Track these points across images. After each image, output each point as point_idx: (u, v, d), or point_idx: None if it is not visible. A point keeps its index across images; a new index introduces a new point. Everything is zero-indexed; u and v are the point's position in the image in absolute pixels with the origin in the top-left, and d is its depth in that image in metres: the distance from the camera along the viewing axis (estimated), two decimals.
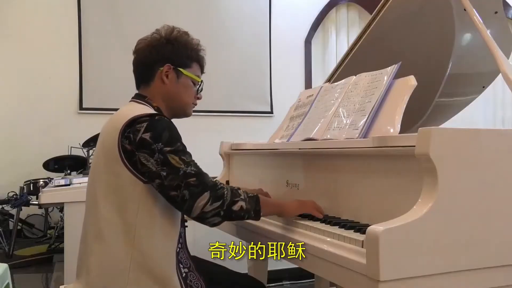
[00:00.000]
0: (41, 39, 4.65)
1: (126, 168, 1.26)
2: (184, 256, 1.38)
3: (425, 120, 2.00)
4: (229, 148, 2.13)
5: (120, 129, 1.26)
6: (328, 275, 1.16)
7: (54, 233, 4.07)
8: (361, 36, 2.05)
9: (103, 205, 1.28)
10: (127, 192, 1.26)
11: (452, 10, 1.77)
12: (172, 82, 1.43)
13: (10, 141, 4.54)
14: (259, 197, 1.34)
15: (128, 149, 1.25)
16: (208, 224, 1.30)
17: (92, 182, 1.37)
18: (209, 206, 1.24)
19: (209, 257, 1.60)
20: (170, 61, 1.43)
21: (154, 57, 1.43)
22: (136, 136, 1.24)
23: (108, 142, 1.29)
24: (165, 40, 1.44)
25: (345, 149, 1.38)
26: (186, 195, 1.22)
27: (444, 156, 1.02)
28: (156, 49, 1.43)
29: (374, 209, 1.25)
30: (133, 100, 1.46)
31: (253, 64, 5.34)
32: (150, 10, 4.93)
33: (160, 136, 1.24)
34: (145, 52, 1.44)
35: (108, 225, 1.27)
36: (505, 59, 1.44)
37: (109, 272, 1.27)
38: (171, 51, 1.43)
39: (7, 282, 2.09)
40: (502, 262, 1.07)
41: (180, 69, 1.44)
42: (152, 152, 1.23)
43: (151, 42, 1.44)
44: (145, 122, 1.26)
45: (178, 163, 1.24)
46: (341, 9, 5.70)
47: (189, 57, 1.47)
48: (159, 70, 1.43)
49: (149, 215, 1.27)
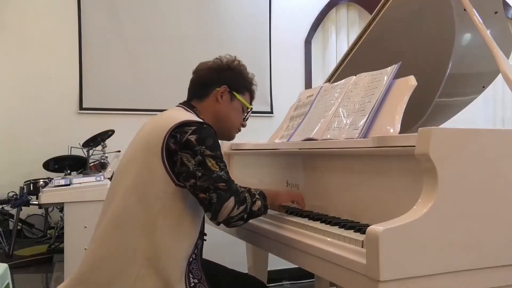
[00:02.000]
0: (41, 39, 4.65)
1: (163, 166, 1.29)
2: (196, 268, 1.39)
3: (425, 120, 2.00)
4: (229, 148, 2.13)
5: (170, 129, 1.30)
6: (328, 275, 1.16)
7: (54, 233, 4.07)
8: (361, 36, 2.05)
9: (130, 196, 1.31)
10: (157, 189, 1.30)
11: (452, 10, 1.77)
12: (225, 102, 1.52)
13: (10, 141, 4.54)
14: (264, 193, 1.40)
15: (172, 148, 1.29)
16: (230, 227, 1.34)
17: (121, 173, 1.39)
18: (236, 210, 1.28)
19: (210, 256, 1.61)
20: (227, 84, 1.52)
21: (214, 78, 1.52)
22: (183, 136, 1.29)
23: (152, 139, 1.33)
24: (226, 66, 1.55)
25: (345, 149, 1.38)
26: (213, 198, 1.26)
27: (444, 156, 1.02)
28: (217, 72, 1.53)
29: (374, 209, 1.25)
30: (182, 106, 1.51)
31: (253, 64, 5.30)
32: (150, 10, 4.93)
33: (204, 140, 1.30)
34: (206, 73, 1.54)
35: (131, 215, 1.30)
36: (505, 59, 1.44)
37: (119, 264, 1.28)
38: (230, 76, 1.54)
39: (7, 282, 2.09)
40: (502, 262, 1.07)
41: (234, 93, 1.54)
42: (194, 153, 1.28)
43: (213, 66, 1.55)
44: (194, 126, 1.31)
45: (213, 166, 1.29)
46: (341, 9, 5.70)
47: (244, 86, 1.58)
48: (215, 89, 1.51)
49: (171, 217, 1.30)
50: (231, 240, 1.88)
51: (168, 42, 4.90)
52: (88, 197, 2.53)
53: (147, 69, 4.81)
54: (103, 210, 1.40)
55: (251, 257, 2.18)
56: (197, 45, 4.88)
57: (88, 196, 2.53)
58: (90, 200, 2.50)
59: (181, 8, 5.06)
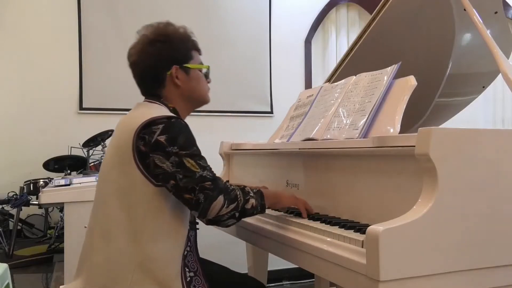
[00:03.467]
0: (41, 40, 4.65)
1: (138, 169, 1.25)
2: (192, 259, 1.38)
3: (425, 120, 2.00)
4: (229, 148, 2.13)
5: (136, 130, 1.25)
6: (328, 275, 1.16)
7: (54, 233, 4.07)
8: (361, 36, 2.05)
9: (112, 204, 1.28)
10: (137, 193, 1.26)
11: (452, 10, 1.77)
12: (184, 81, 1.41)
13: (10, 141, 4.54)
14: (262, 192, 1.37)
15: (143, 150, 1.25)
16: (222, 226, 1.31)
17: (102, 181, 1.36)
18: (225, 209, 1.25)
19: (210, 256, 1.61)
20: (174, 61, 1.39)
21: (157, 64, 1.39)
22: (151, 138, 1.24)
23: (122, 142, 1.29)
24: (159, 42, 1.38)
25: (345, 149, 1.38)
26: (201, 198, 1.23)
27: (444, 156, 1.02)
28: (156, 55, 1.38)
29: (374, 209, 1.25)
30: (148, 100, 1.43)
31: (253, 64, 5.33)
32: (150, 10, 4.92)
33: (175, 139, 1.24)
34: (145, 62, 1.39)
35: (115, 224, 1.27)
36: (505, 59, 1.44)
37: (113, 271, 1.27)
38: (170, 50, 1.39)
39: (7, 282, 2.09)
40: (502, 262, 1.07)
41: (186, 66, 1.41)
42: (167, 154, 1.23)
43: (146, 50, 1.39)
44: (162, 124, 1.25)
45: (194, 167, 1.24)
46: (341, 9, 5.69)
47: (187, 48, 1.43)
48: (167, 74, 1.40)
49: (156, 218, 1.27)
50: (231, 240, 1.88)
51: None
52: (88, 197, 2.50)
53: None
54: (91, 217, 1.37)
55: (251, 257, 2.19)
56: None
57: (88, 196, 2.52)
58: (90, 200, 2.47)
59: (181, 8, 5.06)
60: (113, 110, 4.72)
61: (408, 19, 1.93)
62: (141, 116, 1.28)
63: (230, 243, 2.35)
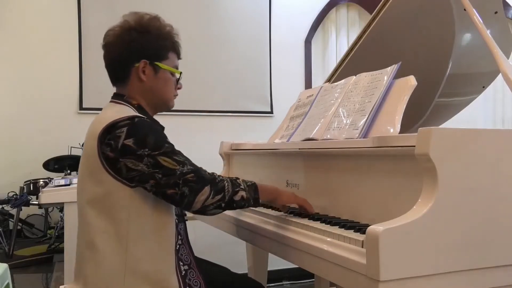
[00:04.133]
0: (41, 39, 4.65)
1: (110, 175, 1.21)
2: (185, 252, 1.36)
3: (425, 120, 2.00)
4: (229, 148, 2.13)
5: (98, 136, 1.21)
6: (328, 275, 1.16)
7: (54, 233, 4.07)
8: (361, 36, 2.05)
9: (91, 215, 1.24)
10: (115, 199, 1.22)
11: (452, 10, 1.77)
12: (150, 78, 1.35)
13: (10, 141, 4.54)
14: (257, 185, 1.34)
15: (111, 156, 1.20)
16: (207, 215, 1.30)
17: (79, 191, 1.31)
18: (211, 199, 1.23)
19: (210, 256, 1.61)
20: (145, 55, 1.33)
21: (127, 53, 1.33)
22: (117, 142, 1.19)
23: (88, 150, 1.24)
24: (136, 32, 1.33)
25: (345, 149, 1.38)
26: (185, 191, 1.20)
27: (444, 156, 1.02)
28: (128, 44, 1.32)
29: (374, 209, 1.25)
30: (112, 100, 1.39)
31: (253, 64, 5.34)
32: (150, 10, 4.91)
33: (144, 141, 1.19)
34: (116, 47, 1.34)
35: (99, 233, 1.23)
36: (505, 59, 1.44)
37: (105, 279, 1.24)
38: (144, 44, 1.34)
39: (7, 282, 2.09)
40: (502, 262, 1.07)
41: (156, 63, 1.35)
42: (139, 157, 1.18)
43: (122, 36, 1.33)
44: (125, 127, 1.20)
45: (172, 165, 1.20)
46: (341, 9, 5.70)
47: (164, 47, 1.38)
48: (134, 66, 1.34)
49: (140, 218, 1.23)
50: (231, 240, 1.88)
51: None
52: None
53: None
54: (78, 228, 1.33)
55: (251, 257, 2.18)
56: (197, 45, 4.87)
57: None
58: None
59: (181, 8, 5.06)
60: None
61: (408, 19, 1.93)
62: (102, 120, 1.24)
63: (230, 243, 2.35)
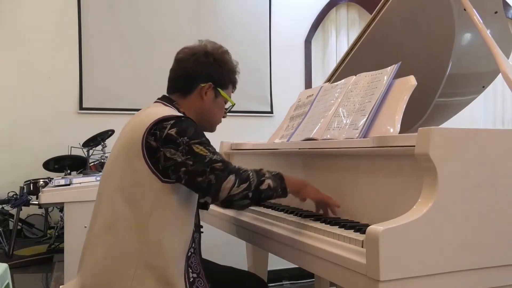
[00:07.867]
0: (41, 39, 4.65)
1: (146, 165, 1.27)
2: (195, 261, 1.38)
3: (425, 120, 2.00)
4: (229, 148, 2.13)
5: (148, 127, 1.28)
6: (328, 275, 1.16)
7: (54, 233, 4.07)
8: (361, 36, 2.05)
9: (117, 200, 1.29)
10: (144, 189, 1.27)
11: (452, 10, 1.77)
12: (209, 99, 1.48)
13: (10, 141, 4.54)
14: (282, 175, 1.35)
15: (153, 145, 1.27)
16: (237, 207, 1.33)
17: (106, 177, 1.37)
18: (236, 188, 1.25)
19: (210, 256, 1.61)
20: (212, 80, 1.47)
21: (199, 73, 1.46)
22: (162, 133, 1.27)
23: (131, 140, 1.31)
24: (212, 59, 1.48)
25: (345, 149, 1.38)
26: (212, 179, 1.24)
27: (444, 156, 1.02)
28: (203, 66, 1.46)
29: (374, 209, 1.25)
30: (160, 101, 1.47)
31: (253, 64, 5.33)
32: (150, 10, 4.92)
33: (185, 131, 1.27)
34: (190, 64, 1.47)
35: (120, 218, 1.28)
36: (505, 59, 1.44)
37: (115, 266, 1.27)
38: (216, 71, 1.48)
39: (7, 282, 2.09)
40: (502, 262, 1.07)
41: (219, 89, 1.49)
42: (177, 145, 1.26)
43: (198, 58, 1.47)
44: (172, 120, 1.29)
45: (202, 151, 1.26)
46: (341, 9, 5.69)
47: (229, 79, 1.53)
48: (200, 85, 1.46)
49: (162, 214, 1.28)
50: (231, 239, 1.88)
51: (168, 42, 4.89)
52: (88, 197, 2.52)
53: (147, 69, 4.81)
54: (93, 213, 1.38)
55: (251, 257, 2.18)
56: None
57: (88, 196, 2.52)
58: (90, 200, 2.47)
59: (181, 8, 5.06)
60: (113, 110, 4.72)
61: (408, 19, 1.93)
62: (153, 114, 1.31)
63: (230, 243, 2.35)
